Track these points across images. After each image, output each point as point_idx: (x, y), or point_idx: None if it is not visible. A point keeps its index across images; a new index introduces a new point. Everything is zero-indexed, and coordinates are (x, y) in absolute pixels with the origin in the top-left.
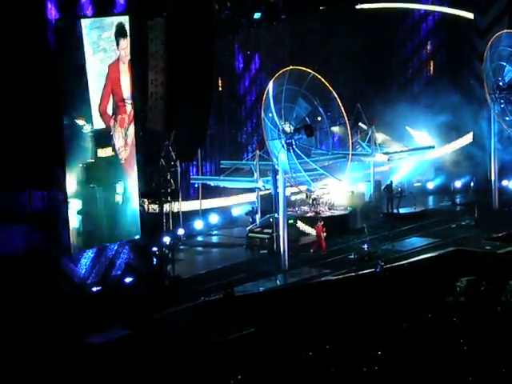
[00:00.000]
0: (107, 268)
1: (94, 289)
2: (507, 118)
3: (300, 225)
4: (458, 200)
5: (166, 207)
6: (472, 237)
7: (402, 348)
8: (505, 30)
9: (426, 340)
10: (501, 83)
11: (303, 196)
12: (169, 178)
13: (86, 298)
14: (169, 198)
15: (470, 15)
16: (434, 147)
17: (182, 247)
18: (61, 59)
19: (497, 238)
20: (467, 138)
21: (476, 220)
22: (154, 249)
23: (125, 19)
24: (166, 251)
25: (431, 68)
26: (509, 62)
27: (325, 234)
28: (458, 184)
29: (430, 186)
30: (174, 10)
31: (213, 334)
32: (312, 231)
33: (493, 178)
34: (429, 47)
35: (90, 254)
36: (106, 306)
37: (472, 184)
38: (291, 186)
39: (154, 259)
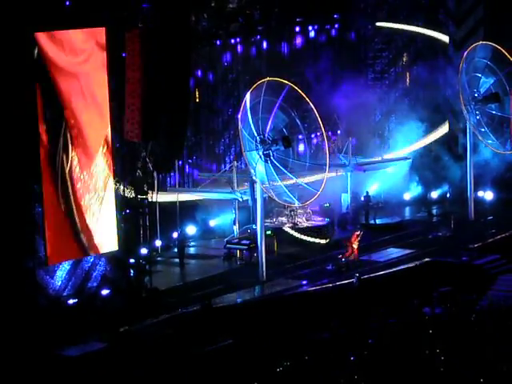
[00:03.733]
0: (83, 280)
1: (71, 301)
2: (482, 130)
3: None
4: (434, 211)
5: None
6: (448, 248)
7: (380, 358)
8: (480, 42)
9: (402, 350)
10: (476, 94)
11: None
12: (146, 189)
13: (62, 311)
14: (146, 210)
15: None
16: (409, 158)
17: (159, 259)
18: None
19: (473, 249)
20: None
21: (452, 231)
22: (131, 260)
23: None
24: (143, 263)
25: (407, 79)
26: (484, 74)
27: (358, 242)
28: (434, 195)
29: (407, 196)
30: (151, 21)
31: (190, 346)
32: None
33: (468, 189)
34: (405, 59)
35: (66, 266)
36: (82, 319)
37: (448, 195)
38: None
39: (131, 271)
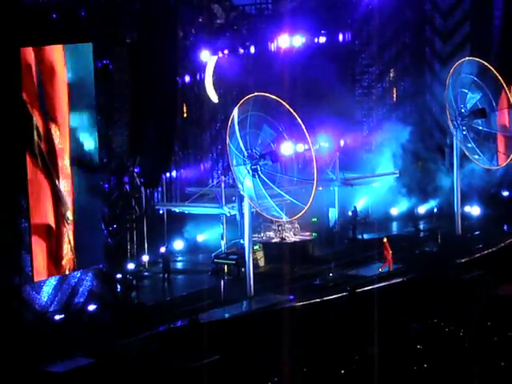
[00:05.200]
0: (70, 296)
1: (57, 317)
2: (469, 145)
3: None
4: (421, 226)
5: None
6: (435, 263)
7: (370, 374)
8: (467, 58)
9: (392, 365)
10: (463, 110)
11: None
12: (133, 204)
13: (49, 326)
14: (134, 225)
15: None
16: (397, 173)
17: (146, 274)
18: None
19: (460, 264)
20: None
21: (439, 246)
22: (118, 276)
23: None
24: (130, 278)
25: (394, 95)
26: (470, 89)
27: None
28: (421, 210)
29: (394, 211)
30: (139, 37)
31: (177, 362)
32: None
33: (456, 204)
34: (392, 74)
35: (52, 282)
36: (68, 334)
37: (435, 210)
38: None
39: (118, 286)
